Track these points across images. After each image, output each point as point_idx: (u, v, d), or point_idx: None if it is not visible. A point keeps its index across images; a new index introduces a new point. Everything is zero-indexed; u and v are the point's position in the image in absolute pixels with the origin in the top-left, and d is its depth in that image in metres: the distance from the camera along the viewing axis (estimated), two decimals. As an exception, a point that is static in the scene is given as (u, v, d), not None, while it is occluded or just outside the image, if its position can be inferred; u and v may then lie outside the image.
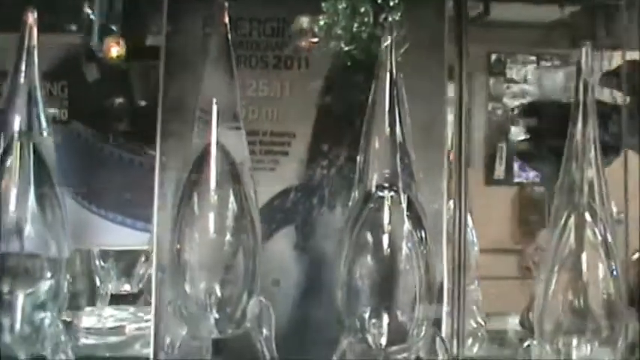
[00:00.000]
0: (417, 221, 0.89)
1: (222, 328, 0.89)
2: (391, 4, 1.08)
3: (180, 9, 1.06)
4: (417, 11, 1.04)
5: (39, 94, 0.88)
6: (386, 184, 0.89)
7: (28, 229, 0.86)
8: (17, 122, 0.87)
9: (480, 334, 1.21)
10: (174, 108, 1.05)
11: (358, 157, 0.91)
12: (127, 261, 1.25)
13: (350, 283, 0.89)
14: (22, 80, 0.87)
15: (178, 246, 0.89)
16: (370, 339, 0.87)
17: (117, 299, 1.25)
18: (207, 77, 0.91)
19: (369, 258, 0.88)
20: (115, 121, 1.17)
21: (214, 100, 0.89)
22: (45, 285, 0.87)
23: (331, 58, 1.07)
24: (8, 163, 0.86)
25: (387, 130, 0.89)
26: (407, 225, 0.88)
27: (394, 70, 0.90)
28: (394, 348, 0.88)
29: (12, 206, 0.86)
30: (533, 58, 2.09)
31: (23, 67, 0.88)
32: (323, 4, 1.04)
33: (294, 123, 1.07)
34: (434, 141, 1.05)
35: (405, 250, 0.88)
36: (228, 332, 0.89)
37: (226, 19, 0.91)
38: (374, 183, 0.89)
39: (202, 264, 0.88)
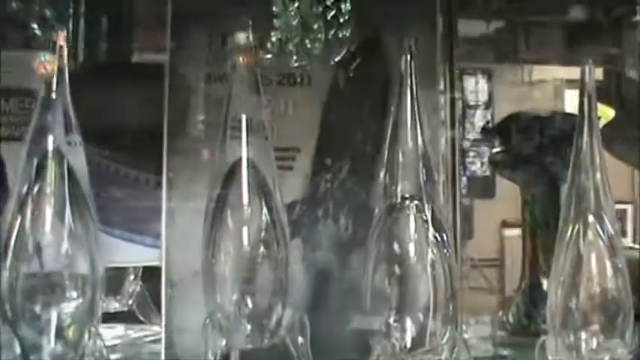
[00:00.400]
0: (440, 228, 0.93)
1: (255, 339, 0.91)
2: (341, 20, 1.13)
3: (184, 26, 1.08)
4: (411, 28, 1.08)
5: (71, 110, 0.88)
6: (409, 195, 0.93)
7: (65, 248, 0.86)
8: (51, 141, 0.87)
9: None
10: (178, 125, 1.07)
11: (381, 173, 0.95)
12: (114, 279, 1.25)
13: (377, 290, 0.92)
14: (54, 99, 0.87)
15: (214, 260, 0.91)
16: (396, 342, 0.91)
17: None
18: (234, 94, 0.93)
19: (394, 265, 0.92)
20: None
21: (244, 117, 0.92)
22: (80, 302, 0.87)
23: (332, 76, 1.11)
24: (41, 182, 0.86)
25: (410, 143, 0.93)
26: (431, 232, 0.93)
27: (414, 85, 0.94)
28: (420, 350, 0.92)
29: (48, 226, 0.85)
30: (457, 72, 2.17)
31: (55, 87, 0.88)
32: (275, 21, 1.07)
33: (298, 138, 1.09)
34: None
35: (429, 256, 0.92)
36: (263, 343, 0.92)
37: (250, 37, 0.94)
38: (398, 194, 0.93)
39: (236, 277, 0.90)
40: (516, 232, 2.54)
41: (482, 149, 2.09)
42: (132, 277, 1.25)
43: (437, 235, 0.93)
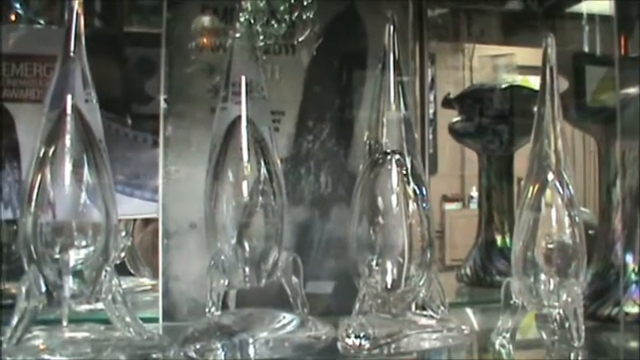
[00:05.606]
0: (419, 181, 1.04)
1: (252, 280, 1.01)
2: (305, 3, 1.22)
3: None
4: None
5: (87, 68, 0.95)
6: (391, 150, 1.03)
7: (80, 200, 0.93)
8: (69, 99, 0.94)
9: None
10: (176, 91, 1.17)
11: (366, 133, 1.05)
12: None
13: (361, 237, 1.02)
14: (74, 62, 0.94)
15: (215, 210, 1.00)
16: (378, 283, 1.01)
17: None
18: (235, 56, 1.02)
19: (377, 213, 1.02)
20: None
21: (243, 78, 1.01)
22: (94, 247, 0.94)
23: (314, 47, 1.21)
24: (61, 138, 0.93)
25: (393, 106, 1.04)
26: (411, 184, 1.03)
27: (397, 54, 1.04)
28: (399, 290, 1.02)
29: (66, 180, 0.93)
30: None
31: (73, 51, 0.94)
32: (243, 3, 1.14)
33: (283, 103, 1.19)
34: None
35: (410, 206, 1.02)
36: (260, 283, 1.01)
37: (249, 6, 1.04)
38: (381, 151, 1.03)
39: (235, 224, 1.00)
40: (455, 206, 2.69)
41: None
42: (123, 233, 1.33)
43: (416, 188, 1.03)
